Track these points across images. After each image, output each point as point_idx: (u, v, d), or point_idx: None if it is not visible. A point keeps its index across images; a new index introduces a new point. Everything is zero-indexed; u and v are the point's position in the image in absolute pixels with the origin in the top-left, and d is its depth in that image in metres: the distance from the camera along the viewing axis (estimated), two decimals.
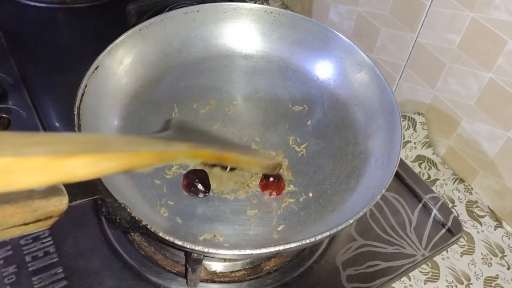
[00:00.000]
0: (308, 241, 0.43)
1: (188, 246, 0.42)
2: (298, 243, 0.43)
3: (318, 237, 0.43)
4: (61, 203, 0.34)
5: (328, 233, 0.44)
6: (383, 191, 0.48)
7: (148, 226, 0.42)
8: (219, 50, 0.67)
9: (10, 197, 0.34)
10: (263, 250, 0.42)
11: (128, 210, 0.42)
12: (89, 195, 0.40)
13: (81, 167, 0.29)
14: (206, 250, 0.42)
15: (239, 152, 0.49)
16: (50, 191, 0.36)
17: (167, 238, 0.42)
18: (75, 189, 0.38)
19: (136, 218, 0.42)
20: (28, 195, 0.35)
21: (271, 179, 0.54)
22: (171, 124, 0.53)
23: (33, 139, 0.28)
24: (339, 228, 0.44)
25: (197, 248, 0.42)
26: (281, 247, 0.43)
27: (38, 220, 0.32)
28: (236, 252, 0.43)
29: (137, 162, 0.35)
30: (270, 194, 0.54)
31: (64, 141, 0.30)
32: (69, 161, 0.28)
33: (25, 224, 0.32)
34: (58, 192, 0.37)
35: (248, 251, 0.42)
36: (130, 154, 0.34)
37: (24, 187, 0.27)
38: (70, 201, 0.36)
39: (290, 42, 0.67)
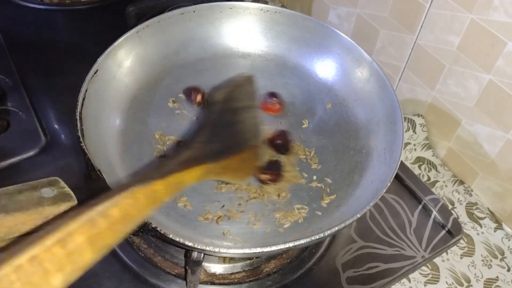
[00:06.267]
0: (317, 236, 0.43)
1: (199, 247, 0.42)
2: (307, 239, 0.43)
3: (327, 232, 0.44)
4: (70, 208, 0.34)
5: (336, 228, 0.44)
6: (388, 184, 0.48)
7: (158, 229, 0.42)
8: (217, 50, 0.67)
9: (21, 204, 0.34)
10: (273, 248, 0.42)
11: None
12: None
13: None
14: (216, 250, 0.42)
15: (237, 165, 0.49)
16: (60, 197, 0.36)
17: (177, 239, 0.42)
18: (83, 195, 0.38)
19: (145, 221, 0.42)
20: (39, 202, 0.35)
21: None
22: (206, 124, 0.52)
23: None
24: (347, 222, 0.45)
25: (207, 248, 0.42)
26: (290, 244, 0.43)
27: None
28: (247, 250, 0.43)
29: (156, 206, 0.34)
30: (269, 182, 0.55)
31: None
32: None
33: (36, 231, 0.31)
34: (67, 198, 0.37)
35: (258, 249, 0.42)
36: (150, 205, 0.32)
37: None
38: None
39: (287, 40, 0.67)
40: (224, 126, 0.52)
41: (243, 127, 0.54)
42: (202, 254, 0.46)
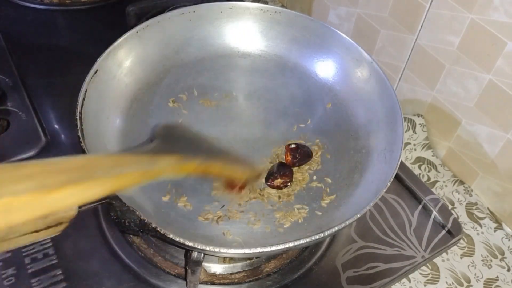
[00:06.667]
0: (317, 236, 0.43)
1: (199, 247, 0.42)
2: (307, 239, 0.43)
3: (327, 232, 0.44)
4: (71, 208, 0.34)
5: (336, 228, 0.44)
6: (388, 184, 0.48)
7: (158, 229, 0.42)
8: (217, 50, 0.68)
9: None
10: (273, 248, 0.42)
11: (137, 213, 0.42)
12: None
13: (68, 197, 0.30)
14: (216, 250, 0.42)
15: (224, 162, 0.47)
16: None
17: (177, 239, 0.42)
18: None
19: (146, 221, 0.42)
20: None
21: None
22: (157, 133, 0.50)
23: (20, 172, 0.29)
24: (347, 222, 0.45)
25: (207, 248, 0.42)
26: (290, 244, 0.43)
27: (49, 227, 0.32)
28: (247, 250, 0.43)
29: (123, 184, 0.35)
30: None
31: (50, 171, 0.30)
32: (56, 195, 0.29)
33: (37, 231, 0.32)
34: None
35: (258, 249, 0.42)
36: (115, 178, 0.34)
37: (15, 223, 0.27)
38: (79, 206, 0.36)
39: (287, 40, 0.67)
40: (186, 140, 0.50)
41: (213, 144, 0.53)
42: (202, 254, 0.46)
